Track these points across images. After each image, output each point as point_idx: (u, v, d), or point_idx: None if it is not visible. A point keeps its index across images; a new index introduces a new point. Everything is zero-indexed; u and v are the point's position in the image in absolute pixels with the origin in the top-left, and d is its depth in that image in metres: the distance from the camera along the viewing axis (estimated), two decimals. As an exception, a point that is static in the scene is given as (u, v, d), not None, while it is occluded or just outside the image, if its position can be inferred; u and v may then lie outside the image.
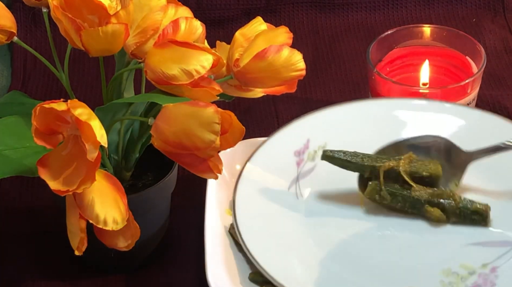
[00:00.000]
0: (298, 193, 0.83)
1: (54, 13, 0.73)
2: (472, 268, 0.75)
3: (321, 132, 0.87)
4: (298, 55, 0.78)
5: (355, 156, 0.82)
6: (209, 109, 0.71)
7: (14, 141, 0.75)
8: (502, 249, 0.76)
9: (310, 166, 0.85)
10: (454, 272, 0.75)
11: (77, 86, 1.08)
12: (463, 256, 0.76)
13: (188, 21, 0.76)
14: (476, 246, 0.77)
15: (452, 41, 0.99)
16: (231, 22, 1.16)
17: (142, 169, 0.85)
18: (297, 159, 0.85)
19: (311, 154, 0.86)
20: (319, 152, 0.84)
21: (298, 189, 0.83)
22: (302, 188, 0.83)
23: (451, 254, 0.77)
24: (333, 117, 0.88)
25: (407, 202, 0.80)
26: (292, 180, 0.83)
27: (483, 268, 0.75)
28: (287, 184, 0.83)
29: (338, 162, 0.82)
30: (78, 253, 0.72)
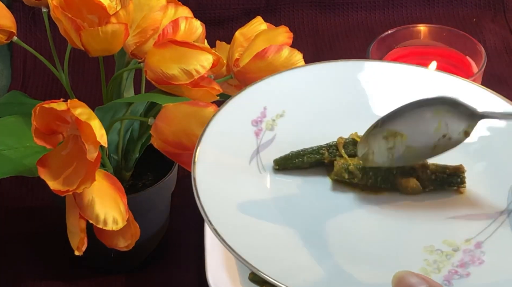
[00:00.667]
0: (261, 167, 0.77)
1: (54, 13, 0.73)
2: (455, 244, 0.72)
3: (278, 98, 0.82)
4: (298, 55, 0.78)
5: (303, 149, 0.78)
6: (209, 109, 0.71)
7: (14, 141, 0.75)
8: (483, 223, 0.74)
9: (270, 136, 0.80)
10: (438, 249, 0.72)
11: (77, 86, 1.08)
12: (444, 232, 0.73)
13: (188, 21, 0.76)
14: (455, 220, 0.74)
15: (452, 41, 0.99)
16: (231, 22, 1.16)
17: (142, 169, 0.85)
18: (255, 129, 0.79)
19: (269, 123, 0.80)
20: (278, 121, 0.79)
21: (259, 163, 0.78)
22: (264, 160, 0.78)
23: (432, 230, 0.74)
24: (290, 82, 0.82)
25: (378, 176, 0.77)
26: (253, 153, 0.78)
27: (466, 244, 0.72)
28: (247, 157, 0.78)
29: (291, 162, 0.78)
30: (78, 253, 0.71)
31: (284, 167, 0.77)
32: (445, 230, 0.73)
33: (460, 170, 0.77)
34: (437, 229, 0.74)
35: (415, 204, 0.76)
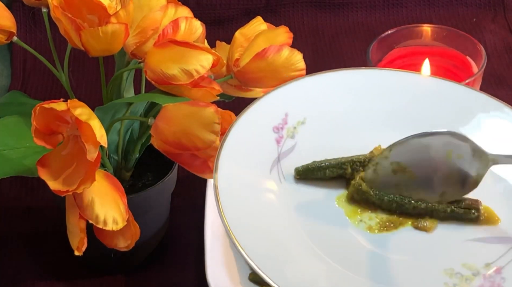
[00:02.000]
0: (281, 176, 0.77)
1: (53, 13, 0.73)
2: (475, 268, 0.72)
3: (300, 105, 0.81)
4: (298, 55, 0.78)
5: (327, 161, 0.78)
6: (209, 109, 0.71)
7: (14, 141, 0.75)
8: (503, 247, 0.73)
9: (291, 145, 0.79)
10: (458, 272, 0.71)
11: (77, 86, 1.08)
12: (464, 255, 0.73)
13: (188, 21, 0.76)
14: (475, 243, 0.74)
15: (453, 41, 0.99)
16: (231, 22, 1.16)
17: (142, 169, 0.85)
18: (276, 136, 0.79)
19: (290, 130, 0.79)
20: (299, 129, 0.79)
21: (280, 172, 0.77)
22: (284, 170, 0.77)
23: (451, 252, 0.73)
24: (312, 88, 0.82)
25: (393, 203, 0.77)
26: (274, 161, 0.77)
27: (486, 268, 0.72)
28: (268, 166, 0.77)
29: (313, 174, 0.77)
30: (78, 253, 0.71)
31: (304, 178, 0.77)
32: (465, 253, 0.73)
33: (475, 205, 0.76)
34: (457, 252, 0.73)
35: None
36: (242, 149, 0.75)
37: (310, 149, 0.78)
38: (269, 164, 0.77)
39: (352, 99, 0.82)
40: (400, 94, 0.82)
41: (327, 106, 0.81)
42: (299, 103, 0.81)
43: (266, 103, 0.79)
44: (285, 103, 0.80)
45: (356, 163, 0.77)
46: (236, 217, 0.70)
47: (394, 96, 0.82)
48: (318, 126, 0.80)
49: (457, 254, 0.73)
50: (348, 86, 0.83)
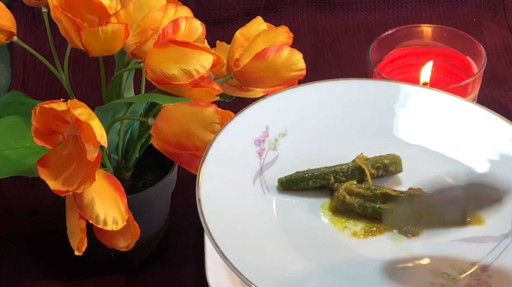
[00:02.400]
0: (264, 188, 0.77)
1: (54, 12, 0.73)
2: (461, 267, 0.72)
3: (281, 117, 0.81)
4: (298, 55, 0.78)
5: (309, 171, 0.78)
6: (209, 109, 0.71)
7: (14, 141, 0.75)
8: (488, 245, 0.73)
9: (273, 156, 0.80)
10: (444, 272, 0.72)
11: (77, 86, 1.08)
12: (450, 255, 0.73)
13: (188, 21, 0.76)
14: (461, 243, 0.74)
15: (453, 41, 0.99)
16: (231, 22, 1.16)
17: (142, 169, 0.85)
18: (258, 149, 0.79)
19: (272, 142, 0.80)
20: (280, 140, 0.80)
21: (263, 183, 0.78)
22: (267, 181, 0.78)
23: (437, 253, 0.73)
24: (292, 100, 0.82)
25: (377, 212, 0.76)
26: (256, 173, 0.78)
27: (472, 267, 0.72)
28: (251, 178, 0.77)
29: (296, 185, 0.78)
30: (78, 253, 0.71)
31: (288, 188, 0.77)
32: (451, 254, 0.73)
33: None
34: (443, 253, 0.73)
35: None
36: (224, 162, 0.76)
37: (292, 160, 0.79)
38: (252, 176, 0.77)
39: (332, 110, 0.83)
40: (379, 103, 0.83)
41: (307, 117, 0.82)
42: (279, 116, 0.81)
43: (246, 116, 0.79)
44: (266, 116, 0.81)
45: (339, 173, 0.78)
46: (221, 230, 0.70)
47: (374, 105, 0.83)
48: (299, 137, 0.81)
49: (443, 254, 0.73)
50: (328, 97, 0.83)
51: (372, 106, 0.83)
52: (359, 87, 0.84)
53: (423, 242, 0.74)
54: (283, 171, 0.78)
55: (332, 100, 0.83)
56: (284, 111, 0.81)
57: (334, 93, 0.84)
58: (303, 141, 0.81)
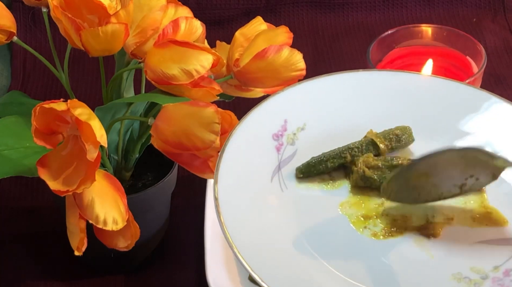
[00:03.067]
0: (282, 185, 0.76)
1: (53, 13, 0.73)
2: (483, 271, 0.70)
3: (298, 110, 0.80)
4: (298, 55, 0.78)
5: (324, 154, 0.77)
6: (209, 109, 0.71)
7: (14, 141, 0.75)
8: (510, 249, 0.72)
9: (291, 151, 0.78)
10: (466, 276, 0.70)
11: (77, 86, 1.08)
12: (471, 258, 0.71)
13: (188, 21, 0.76)
14: (483, 246, 0.72)
15: (453, 41, 0.99)
16: (231, 22, 1.16)
17: (142, 169, 0.85)
18: (276, 144, 0.78)
19: (290, 137, 0.78)
20: (299, 134, 0.78)
21: (281, 180, 0.76)
22: (285, 178, 0.76)
23: (459, 256, 0.72)
24: (310, 93, 0.81)
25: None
26: (274, 169, 0.76)
27: (495, 271, 0.70)
28: (269, 175, 0.76)
29: (315, 169, 0.76)
30: (78, 253, 0.71)
31: (308, 175, 0.76)
32: (473, 257, 0.71)
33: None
34: (465, 256, 0.72)
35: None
36: (241, 159, 0.74)
37: (311, 155, 0.78)
38: (270, 172, 0.76)
39: (351, 102, 0.81)
40: (400, 94, 0.82)
41: (326, 110, 0.81)
42: (298, 109, 0.80)
43: (264, 110, 0.78)
44: (284, 110, 0.79)
45: (354, 149, 0.77)
46: (238, 230, 0.69)
47: (394, 96, 0.82)
48: (318, 131, 0.79)
49: (465, 257, 0.71)
50: (347, 88, 0.82)
51: (393, 97, 0.82)
52: (379, 78, 0.83)
53: (444, 244, 0.73)
54: None
55: (352, 91, 0.82)
56: (303, 104, 0.80)
57: (354, 84, 0.82)
58: (322, 134, 0.79)
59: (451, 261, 0.71)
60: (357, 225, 0.74)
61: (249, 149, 0.76)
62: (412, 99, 0.82)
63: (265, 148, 0.77)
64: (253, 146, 0.76)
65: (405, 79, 0.83)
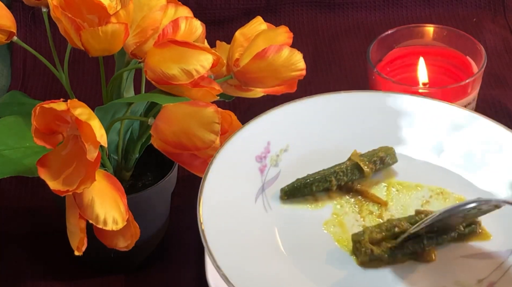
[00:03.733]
0: (266, 205, 0.77)
1: (53, 12, 0.73)
2: (468, 285, 0.71)
3: (281, 132, 0.81)
4: (298, 55, 0.78)
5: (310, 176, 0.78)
6: (209, 109, 0.71)
7: (14, 141, 0.75)
8: (495, 261, 0.72)
9: (275, 173, 0.79)
10: None
11: (77, 86, 1.08)
12: (456, 272, 0.72)
13: (188, 21, 0.76)
14: (467, 259, 0.73)
15: (453, 41, 0.99)
16: (231, 22, 1.16)
17: (142, 169, 0.85)
18: (259, 165, 0.79)
19: (274, 158, 0.79)
20: (282, 156, 0.79)
21: (265, 201, 0.77)
22: (270, 198, 0.77)
23: (443, 270, 0.72)
24: (293, 115, 0.82)
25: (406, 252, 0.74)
26: (258, 190, 0.77)
27: (479, 285, 0.71)
28: (253, 196, 0.77)
29: (299, 192, 0.77)
30: (78, 253, 0.71)
31: (291, 197, 0.77)
32: (457, 271, 0.72)
33: (474, 221, 0.75)
34: (449, 270, 0.72)
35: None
36: (225, 180, 0.75)
37: (294, 176, 0.79)
38: (254, 193, 0.77)
39: (334, 123, 0.82)
40: (382, 115, 0.83)
41: (309, 132, 0.82)
42: (280, 131, 0.81)
43: (247, 132, 0.79)
44: (267, 132, 0.80)
45: (339, 173, 0.78)
46: (223, 251, 0.70)
47: (377, 117, 0.83)
48: (301, 152, 0.80)
49: (449, 272, 0.72)
50: (329, 110, 0.83)
51: (374, 118, 0.83)
52: (361, 99, 0.84)
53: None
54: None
55: (333, 113, 0.83)
56: (285, 126, 0.81)
57: (335, 106, 0.83)
58: (305, 155, 0.80)
59: (436, 276, 0.72)
60: (341, 243, 0.74)
61: (232, 171, 0.77)
62: (394, 119, 0.83)
63: (249, 170, 0.78)
64: (236, 168, 0.77)
65: (387, 99, 0.84)
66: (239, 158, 0.78)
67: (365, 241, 0.73)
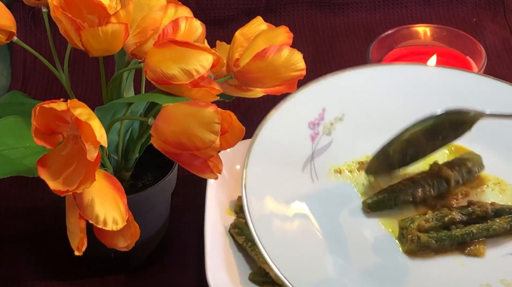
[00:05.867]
0: (313, 175, 0.73)
1: (54, 13, 0.73)
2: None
3: (337, 100, 0.78)
4: (298, 55, 0.78)
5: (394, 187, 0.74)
6: (209, 109, 0.71)
7: (14, 141, 0.75)
8: None
9: (326, 141, 0.76)
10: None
11: (77, 86, 1.08)
12: (502, 270, 0.69)
13: (188, 21, 0.76)
14: None
15: (453, 41, 0.99)
16: (231, 22, 1.16)
17: (142, 169, 0.85)
18: (311, 133, 0.75)
19: (327, 126, 0.76)
20: (336, 125, 0.76)
21: (313, 170, 0.74)
22: (318, 168, 0.74)
23: (489, 267, 0.70)
24: (351, 83, 0.79)
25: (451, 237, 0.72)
26: (307, 159, 0.74)
27: None
28: (301, 164, 0.73)
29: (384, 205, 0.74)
30: (78, 253, 0.71)
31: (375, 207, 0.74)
32: (503, 268, 0.70)
33: None
34: (495, 267, 0.70)
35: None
36: (274, 145, 0.72)
37: (346, 147, 0.75)
38: (302, 161, 0.74)
39: (391, 95, 0.79)
40: (437, 89, 0.80)
41: (365, 102, 0.78)
42: (337, 98, 0.77)
43: (302, 96, 0.76)
44: (323, 97, 0.77)
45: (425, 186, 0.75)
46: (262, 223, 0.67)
47: (431, 91, 0.79)
48: (356, 123, 0.77)
49: (495, 269, 0.70)
50: (387, 81, 0.80)
51: (430, 91, 0.80)
52: (418, 72, 0.81)
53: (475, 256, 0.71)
54: (335, 159, 0.74)
55: (392, 85, 0.80)
56: (342, 93, 0.78)
57: (394, 77, 0.80)
58: (360, 127, 0.77)
59: (481, 272, 0.69)
60: (387, 226, 0.72)
61: (282, 136, 0.73)
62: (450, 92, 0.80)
63: (300, 136, 0.75)
64: (287, 132, 0.74)
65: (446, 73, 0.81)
66: (291, 122, 0.74)
67: (413, 228, 0.70)
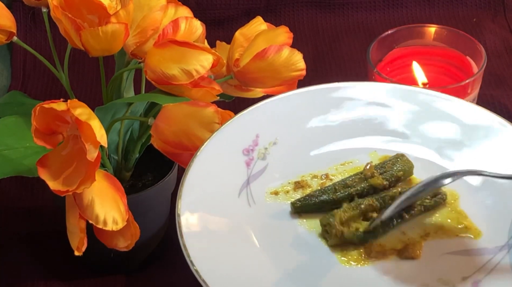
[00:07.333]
0: (250, 200, 0.75)
1: (54, 13, 0.73)
2: (451, 282, 0.69)
3: (271, 125, 0.79)
4: (298, 55, 0.78)
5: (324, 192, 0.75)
6: (209, 109, 0.71)
7: (14, 141, 0.75)
8: (481, 259, 0.71)
9: (261, 166, 0.77)
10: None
11: (77, 86, 1.08)
12: (440, 269, 0.70)
13: (188, 21, 0.76)
14: (452, 256, 0.71)
15: (453, 41, 0.99)
16: (231, 22, 1.16)
17: (142, 169, 0.85)
18: (246, 159, 0.77)
19: (262, 151, 0.78)
20: (270, 149, 0.77)
21: (249, 195, 0.75)
22: (254, 192, 0.75)
23: (428, 267, 0.71)
24: (282, 108, 0.80)
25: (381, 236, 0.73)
26: (243, 184, 0.76)
27: (463, 283, 0.69)
28: (236, 190, 0.75)
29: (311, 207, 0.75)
30: (78, 253, 0.71)
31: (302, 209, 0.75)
32: (441, 267, 0.71)
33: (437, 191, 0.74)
34: (433, 266, 0.71)
35: None
36: (209, 174, 0.74)
37: (282, 169, 0.77)
38: (238, 187, 0.75)
39: (322, 115, 0.81)
40: (369, 106, 0.82)
41: (298, 124, 0.80)
42: (270, 123, 0.79)
43: (236, 125, 0.78)
44: (256, 124, 0.79)
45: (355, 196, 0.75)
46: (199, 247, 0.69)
47: (363, 107, 0.82)
48: (290, 145, 0.79)
49: (434, 268, 0.71)
50: (319, 103, 0.82)
51: (362, 108, 0.82)
52: (349, 90, 0.83)
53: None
54: (271, 181, 0.76)
55: (323, 105, 0.81)
56: (275, 118, 0.80)
57: (324, 97, 0.82)
58: (294, 148, 0.79)
59: (419, 272, 0.70)
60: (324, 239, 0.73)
61: (217, 164, 0.75)
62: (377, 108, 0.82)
63: (234, 163, 0.77)
64: (221, 161, 0.76)
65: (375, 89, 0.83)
66: (225, 151, 0.76)
67: (337, 224, 0.72)
